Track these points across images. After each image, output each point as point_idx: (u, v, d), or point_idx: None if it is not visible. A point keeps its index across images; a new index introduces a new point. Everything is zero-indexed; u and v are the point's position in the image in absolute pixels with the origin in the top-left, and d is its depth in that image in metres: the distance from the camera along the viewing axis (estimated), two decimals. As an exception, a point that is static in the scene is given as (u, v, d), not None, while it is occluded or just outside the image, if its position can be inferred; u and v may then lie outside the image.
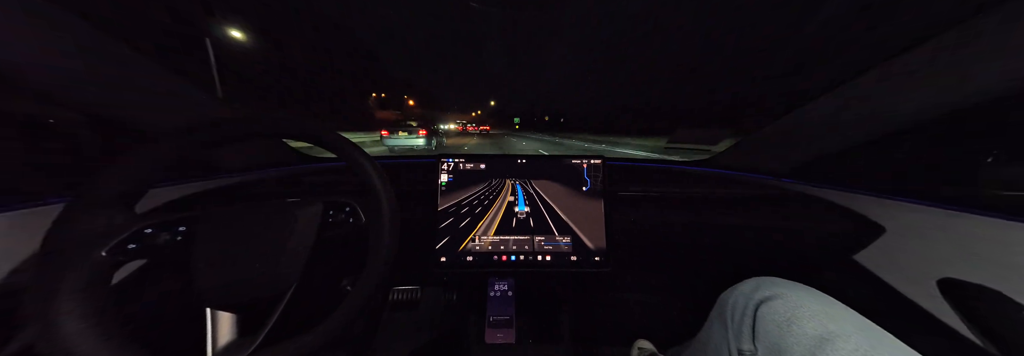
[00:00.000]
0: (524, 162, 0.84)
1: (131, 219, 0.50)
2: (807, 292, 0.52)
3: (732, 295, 0.58)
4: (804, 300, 0.49)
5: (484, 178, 0.82)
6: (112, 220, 0.48)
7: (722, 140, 1.99)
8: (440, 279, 1.25)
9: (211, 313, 0.51)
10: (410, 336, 1.15)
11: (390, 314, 1.22)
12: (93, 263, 0.44)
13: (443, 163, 0.82)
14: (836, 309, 0.48)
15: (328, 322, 0.48)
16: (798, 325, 0.46)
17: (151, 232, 0.49)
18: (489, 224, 0.80)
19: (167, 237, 0.50)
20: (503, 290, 0.84)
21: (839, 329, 0.44)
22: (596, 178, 0.82)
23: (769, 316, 0.49)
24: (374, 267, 0.52)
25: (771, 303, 0.51)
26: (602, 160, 0.84)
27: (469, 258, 0.78)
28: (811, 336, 0.44)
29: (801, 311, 0.47)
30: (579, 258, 0.78)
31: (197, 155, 0.55)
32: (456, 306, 1.15)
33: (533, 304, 0.84)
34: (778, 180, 1.02)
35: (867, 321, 0.47)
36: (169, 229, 0.50)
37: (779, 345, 0.47)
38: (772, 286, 0.54)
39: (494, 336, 0.76)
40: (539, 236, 0.80)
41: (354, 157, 0.56)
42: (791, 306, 0.49)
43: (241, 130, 0.55)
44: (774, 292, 0.52)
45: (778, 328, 0.48)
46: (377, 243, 0.53)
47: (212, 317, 0.51)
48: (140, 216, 0.51)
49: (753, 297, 0.54)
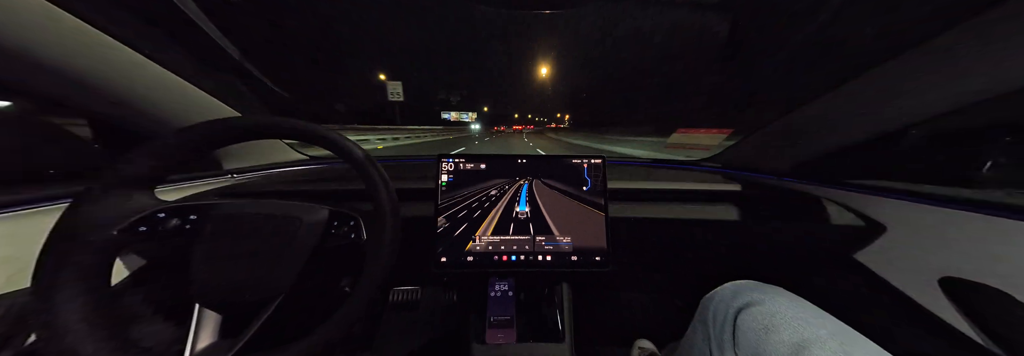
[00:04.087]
0: (524, 162, 0.84)
1: (154, 201, 0.51)
2: (784, 297, 0.53)
3: (713, 300, 0.59)
4: (781, 306, 0.51)
5: (484, 178, 0.82)
6: (137, 200, 0.49)
7: (722, 139, 1.99)
8: (440, 279, 1.25)
9: (198, 312, 0.51)
10: (410, 336, 1.15)
11: (390, 314, 1.22)
12: (104, 240, 0.45)
13: (443, 163, 0.82)
14: (812, 314, 0.50)
15: (315, 335, 0.47)
16: (775, 332, 0.48)
17: (163, 217, 0.50)
18: (489, 224, 0.80)
19: (177, 223, 0.50)
20: (503, 290, 0.84)
21: (814, 335, 0.46)
22: (597, 178, 0.82)
23: (748, 324, 0.51)
24: (366, 288, 0.51)
25: (750, 310, 0.52)
26: (602, 160, 0.83)
27: (469, 258, 0.78)
28: (788, 343, 0.46)
29: (777, 318, 0.49)
30: (579, 258, 0.78)
31: (210, 150, 0.55)
32: (456, 306, 1.15)
33: (533, 304, 0.84)
34: (779, 179, 1.02)
35: (843, 325, 0.49)
36: (181, 216, 0.51)
37: (758, 353, 0.48)
38: (750, 291, 0.55)
39: (494, 336, 0.75)
40: (539, 236, 0.79)
41: (360, 161, 0.55)
42: (768, 313, 0.50)
43: (254, 128, 0.55)
44: (752, 298, 0.54)
45: (757, 336, 0.49)
46: (373, 266, 0.52)
47: (198, 315, 0.51)
48: (161, 201, 0.52)
49: (733, 304, 0.55)
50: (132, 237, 0.48)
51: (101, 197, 0.47)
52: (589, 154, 0.84)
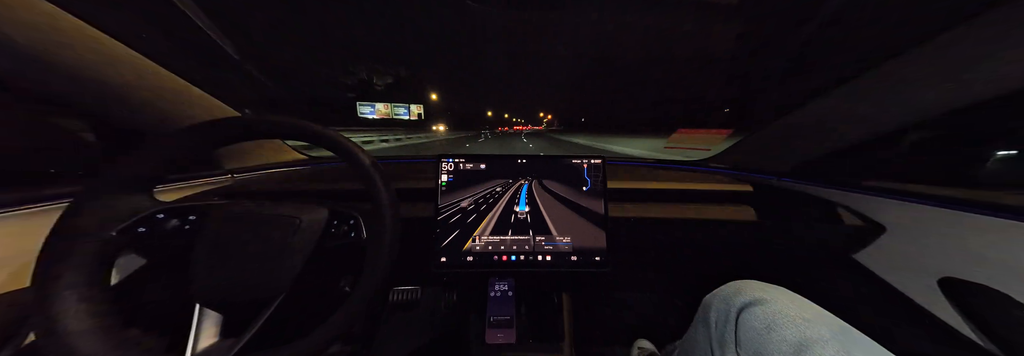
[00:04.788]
0: (524, 162, 0.84)
1: (152, 202, 0.51)
2: (786, 297, 0.53)
3: (714, 300, 0.59)
4: (783, 306, 0.51)
5: (484, 178, 0.82)
6: (134, 201, 0.49)
7: (722, 139, 2.00)
8: (440, 279, 1.24)
9: (199, 312, 0.51)
10: (410, 336, 1.15)
11: (390, 314, 1.22)
12: (103, 241, 0.46)
13: (443, 163, 0.82)
14: (814, 314, 0.49)
15: (316, 334, 0.47)
16: (777, 332, 0.47)
17: (162, 217, 0.50)
18: (489, 224, 0.80)
19: (176, 224, 0.51)
20: (503, 290, 0.84)
21: (816, 335, 0.45)
22: (596, 178, 0.82)
23: (750, 323, 0.51)
24: (367, 287, 0.51)
25: (751, 309, 0.52)
26: (602, 160, 0.83)
27: (469, 258, 0.78)
28: (790, 342, 0.46)
29: (779, 317, 0.49)
30: (579, 258, 0.78)
31: (211, 150, 0.56)
32: (456, 306, 1.15)
33: (533, 304, 0.84)
34: (778, 179, 1.02)
35: (845, 325, 0.48)
36: (180, 217, 0.51)
37: (760, 352, 0.48)
38: (752, 290, 0.55)
39: (494, 336, 0.75)
40: (539, 236, 0.79)
41: (360, 161, 0.55)
42: (770, 312, 0.50)
43: (254, 128, 0.55)
44: (754, 297, 0.53)
45: (759, 335, 0.49)
46: (373, 265, 0.52)
47: (199, 316, 0.51)
48: (159, 202, 0.52)
49: (734, 303, 0.55)
50: (131, 238, 0.48)
51: (100, 198, 0.47)
52: (589, 154, 0.84)
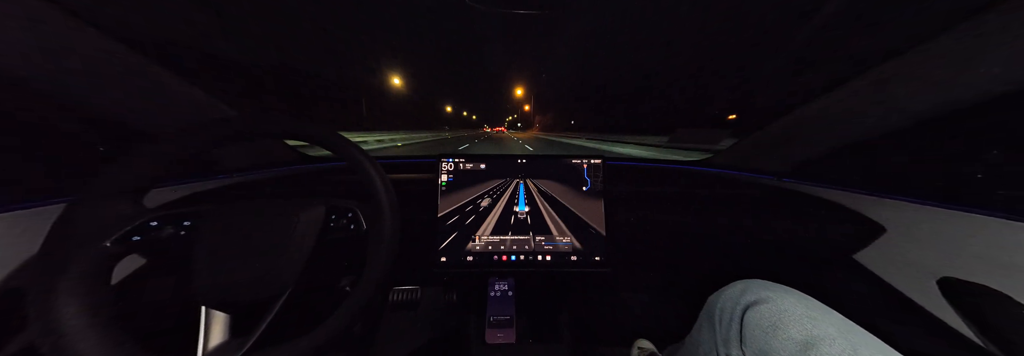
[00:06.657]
0: (524, 162, 0.84)
1: (139, 211, 0.50)
2: (792, 296, 0.53)
3: (720, 298, 0.59)
4: (789, 304, 0.50)
5: (484, 178, 0.82)
6: (121, 211, 0.48)
7: (722, 139, 2.00)
8: (440, 279, 1.25)
9: (206, 312, 0.51)
10: (410, 336, 1.15)
11: (390, 314, 1.22)
12: (97, 253, 0.45)
13: (443, 163, 0.82)
14: (820, 312, 0.49)
15: (320, 330, 0.48)
16: (783, 330, 0.47)
17: (156, 225, 0.49)
18: (489, 224, 0.80)
19: (171, 231, 0.50)
20: (503, 290, 0.84)
21: (823, 333, 0.45)
22: (596, 178, 0.82)
23: (755, 321, 0.51)
24: (370, 279, 0.52)
25: (757, 308, 0.52)
26: (602, 160, 0.83)
27: (469, 258, 0.78)
28: (796, 341, 0.45)
29: (786, 316, 0.49)
30: (579, 258, 0.78)
31: (205, 152, 0.55)
32: (456, 306, 1.15)
33: (533, 304, 0.84)
34: (779, 180, 1.02)
35: (851, 323, 0.48)
36: (174, 223, 0.51)
37: (766, 350, 0.48)
38: (758, 289, 0.55)
39: (494, 336, 0.76)
40: (539, 236, 0.79)
41: (359, 161, 0.56)
42: (776, 311, 0.50)
43: (251, 128, 0.55)
44: (760, 296, 0.53)
45: (764, 333, 0.49)
46: (375, 256, 0.53)
47: (206, 316, 0.51)
48: (148, 209, 0.52)
49: (740, 302, 0.55)
50: (126, 247, 0.47)
51: (91, 208, 0.46)
52: (589, 154, 0.84)
